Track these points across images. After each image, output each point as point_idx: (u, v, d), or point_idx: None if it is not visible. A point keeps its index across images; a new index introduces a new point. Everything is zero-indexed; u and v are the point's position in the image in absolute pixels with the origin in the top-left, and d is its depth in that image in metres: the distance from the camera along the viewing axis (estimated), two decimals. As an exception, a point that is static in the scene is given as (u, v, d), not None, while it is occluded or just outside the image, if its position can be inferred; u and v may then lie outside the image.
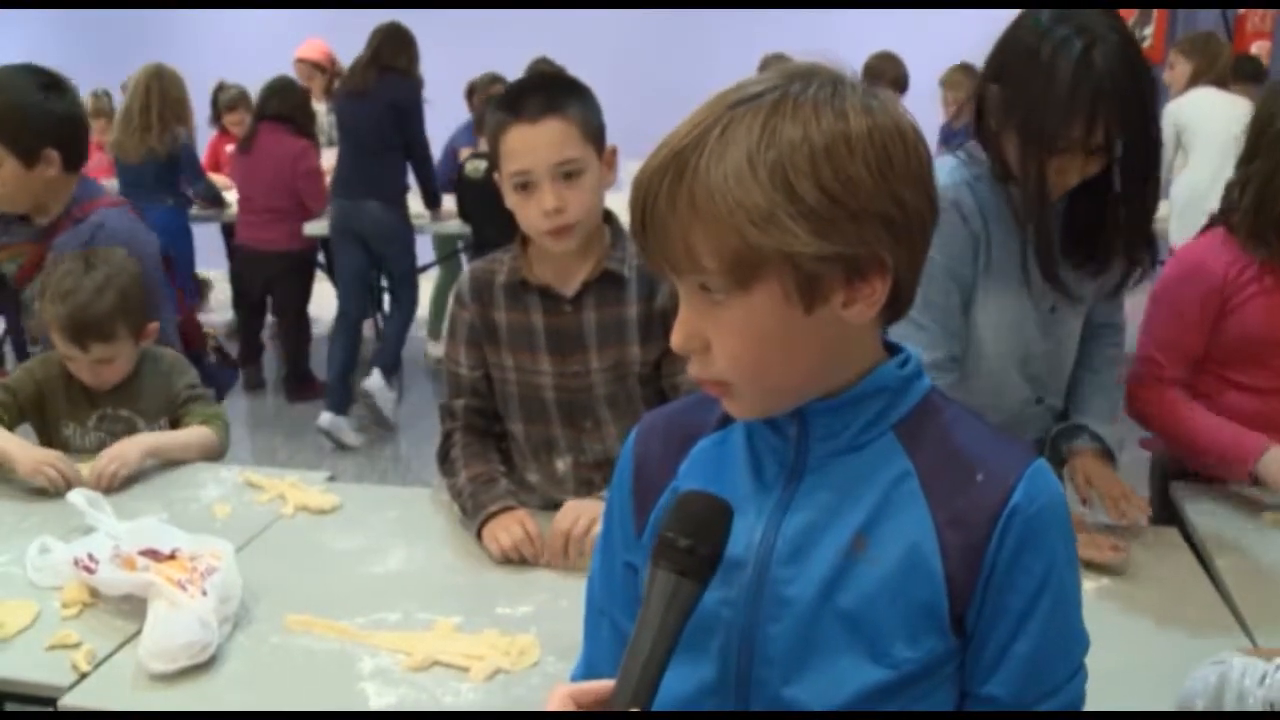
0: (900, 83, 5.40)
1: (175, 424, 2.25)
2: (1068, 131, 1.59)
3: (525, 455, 1.97)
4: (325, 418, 4.89)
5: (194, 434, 2.21)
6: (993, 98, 1.70)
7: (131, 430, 2.22)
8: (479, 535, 1.81)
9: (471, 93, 5.90)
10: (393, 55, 4.74)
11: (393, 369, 5.08)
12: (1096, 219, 1.75)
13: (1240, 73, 5.10)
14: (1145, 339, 2.04)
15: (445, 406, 1.98)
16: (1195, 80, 4.79)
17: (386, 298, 5.50)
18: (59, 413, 2.23)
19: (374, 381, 4.96)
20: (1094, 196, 1.73)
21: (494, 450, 1.96)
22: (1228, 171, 1.99)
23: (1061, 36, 1.59)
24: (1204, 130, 4.57)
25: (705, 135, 0.83)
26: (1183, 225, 4.56)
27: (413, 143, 4.85)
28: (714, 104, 0.86)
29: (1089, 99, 1.56)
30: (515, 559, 1.75)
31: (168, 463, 2.17)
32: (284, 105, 5.16)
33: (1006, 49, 1.68)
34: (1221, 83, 4.80)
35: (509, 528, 1.77)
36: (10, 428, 2.17)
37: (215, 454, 2.23)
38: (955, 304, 1.76)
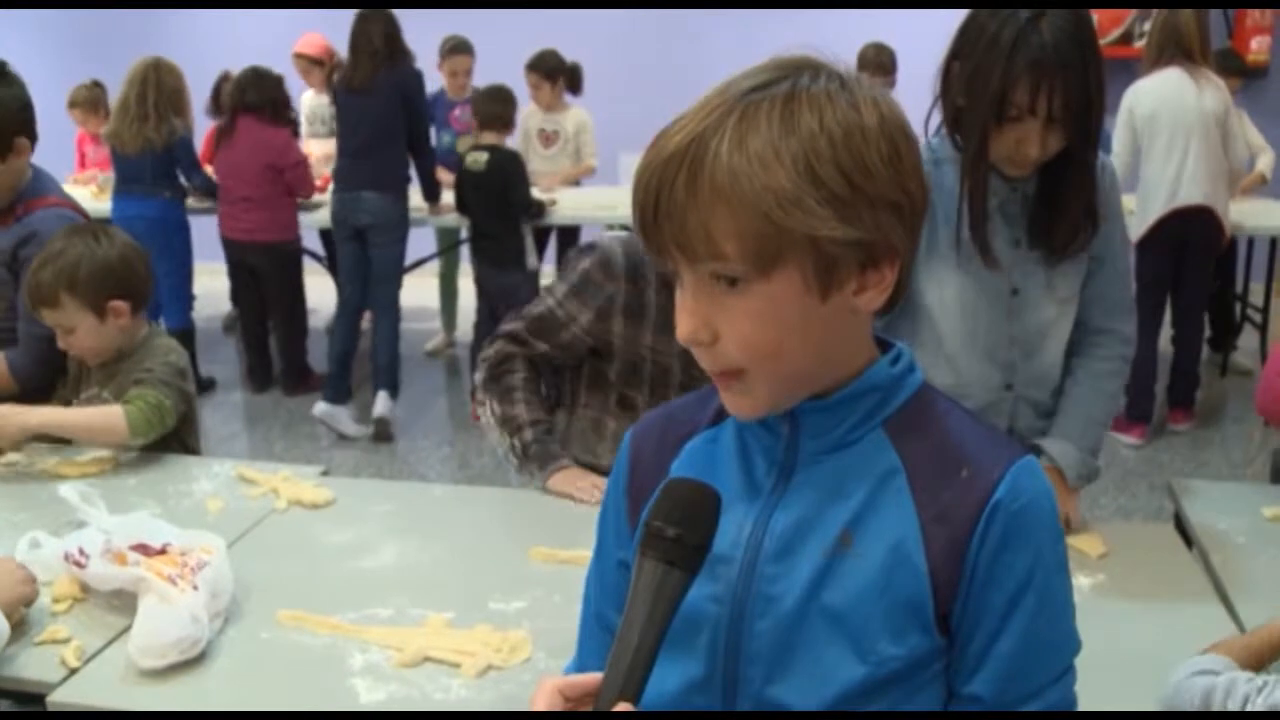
0: (885, 66, 5.43)
1: None
2: (1010, 96, 1.64)
3: (621, 415, 2.02)
4: (320, 407, 4.87)
5: (96, 412, 2.16)
6: (953, 75, 1.74)
7: None
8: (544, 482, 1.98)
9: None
10: (398, 45, 4.70)
11: (396, 386, 4.96)
12: (1057, 197, 1.77)
13: (1225, 68, 4.82)
14: None
15: (515, 333, 2.01)
16: (1160, 58, 4.36)
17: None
18: (72, 390, 2.32)
19: (383, 406, 4.87)
20: (1060, 177, 1.75)
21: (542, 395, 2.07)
22: (1172, 165, 1.95)
23: (1011, 11, 1.66)
24: (1157, 119, 4.26)
25: (721, 123, 0.83)
26: (1138, 221, 4.32)
27: (416, 135, 4.81)
28: (722, 93, 0.85)
29: (1029, 63, 1.62)
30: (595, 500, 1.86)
31: (101, 445, 2.19)
32: (260, 96, 5.14)
33: (965, 26, 1.73)
34: (1189, 59, 4.31)
35: (578, 479, 1.95)
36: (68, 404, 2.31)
37: (120, 434, 2.10)
38: None
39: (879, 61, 5.44)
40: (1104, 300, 1.88)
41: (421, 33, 5.05)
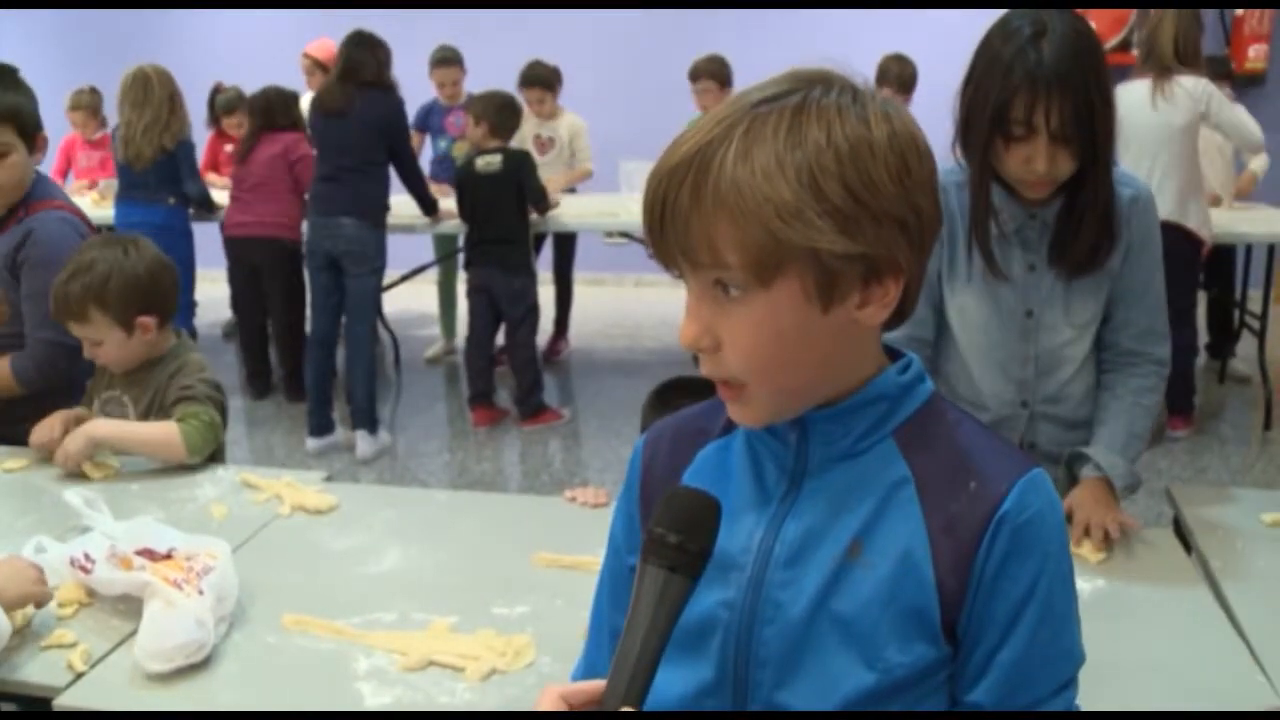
0: (905, 82, 5.41)
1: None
2: (1008, 112, 1.66)
3: None
4: (312, 444, 4.77)
5: (155, 429, 2.17)
6: (965, 100, 1.76)
7: (124, 416, 2.26)
8: None
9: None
10: (363, 68, 4.56)
11: (374, 424, 4.80)
12: (1073, 217, 1.79)
13: (1215, 74, 4.71)
14: None
15: None
16: (1141, 68, 4.32)
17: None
18: (95, 388, 2.35)
19: (364, 449, 4.71)
20: (1075, 197, 1.77)
21: None
22: (1139, 177, 1.97)
23: (1015, 28, 1.68)
24: (1123, 127, 4.26)
25: (729, 133, 0.83)
26: None
27: (401, 159, 4.75)
28: (733, 104, 0.86)
29: (1025, 79, 1.64)
30: None
31: (157, 460, 2.19)
32: (283, 117, 5.21)
33: (977, 50, 1.75)
34: (1163, 72, 4.24)
35: None
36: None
37: (177, 452, 2.13)
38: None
39: (900, 73, 5.43)
40: (1133, 327, 1.90)
41: (422, 36, 5.06)
